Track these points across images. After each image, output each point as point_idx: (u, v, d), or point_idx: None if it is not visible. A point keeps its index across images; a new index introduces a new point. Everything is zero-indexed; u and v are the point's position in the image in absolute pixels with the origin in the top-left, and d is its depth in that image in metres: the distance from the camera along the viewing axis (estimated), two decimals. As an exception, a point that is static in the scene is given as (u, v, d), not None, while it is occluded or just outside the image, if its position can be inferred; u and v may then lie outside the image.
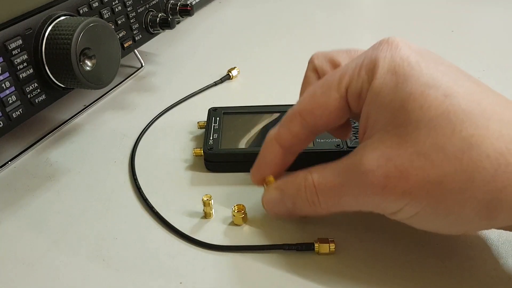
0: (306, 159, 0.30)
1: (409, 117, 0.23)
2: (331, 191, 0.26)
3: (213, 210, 0.32)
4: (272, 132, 0.29)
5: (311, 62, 0.31)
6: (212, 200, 0.31)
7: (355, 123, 0.34)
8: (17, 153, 0.39)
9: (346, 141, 0.35)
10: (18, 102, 0.33)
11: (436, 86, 0.23)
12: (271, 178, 0.29)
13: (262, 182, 0.30)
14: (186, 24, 0.63)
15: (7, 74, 0.32)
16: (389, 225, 0.29)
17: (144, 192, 0.34)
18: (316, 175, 0.26)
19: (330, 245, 0.28)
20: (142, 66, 0.52)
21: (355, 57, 0.27)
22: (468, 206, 0.22)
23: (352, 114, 0.27)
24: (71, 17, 0.36)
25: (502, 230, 0.28)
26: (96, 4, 0.40)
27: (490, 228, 0.24)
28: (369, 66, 0.25)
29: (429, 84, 0.23)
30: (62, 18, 0.35)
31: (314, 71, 0.30)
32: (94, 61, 0.35)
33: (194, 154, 0.37)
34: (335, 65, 0.30)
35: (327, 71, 0.29)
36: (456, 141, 0.22)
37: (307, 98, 0.27)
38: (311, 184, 0.26)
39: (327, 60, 0.30)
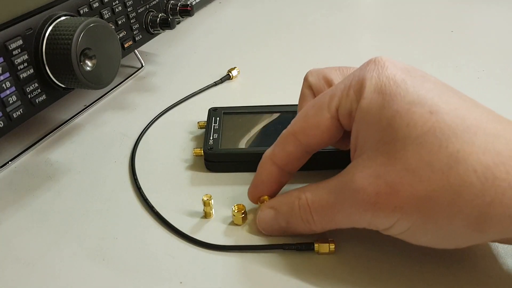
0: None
1: (397, 135, 0.23)
2: (325, 209, 0.26)
3: (213, 210, 0.32)
4: (268, 152, 0.30)
5: (306, 79, 0.32)
6: (212, 200, 0.31)
7: None
8: (17, 153, 0.39)
9: None
10: (19, 102, 0.33)
11: (422, 104, 0.23)
12: (266, 198, 0.30)
13: (258, 201, 0.31)
14: (186, 24, 0.63)
15: (7, 74, 0.32)
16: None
17: (144, 192, 0.34)
18: (310, 194, 0.27)
19: (330, 245, 0.28)
20: (142, 66, 0.52)
21: (345, 77, 0.28)
22: (457, 221, 0.22)
23: (345, 132, 0.28)
24: (72, 17, 0.36)
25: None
26: (97, 4, 0.40)
27: (483, 241, 0.25)
28: (356, 86, 0.26)
29: (414, 102, 0.23)
30: (62, 18, 0.35)
31: (309, 88, 0.31)
32: (94, 61, 0.35)
33: (194, 154, 0.37)
34: (328, 82, 0.30)
35: (321, 89, 0.30)
36: (442, 157, 0.22)
37: (300, 119, 0.28)
38: (304, 203, 0.27)
39: (321, 77, 0.31)
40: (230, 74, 0.49)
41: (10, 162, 0.38)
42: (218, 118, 0.39)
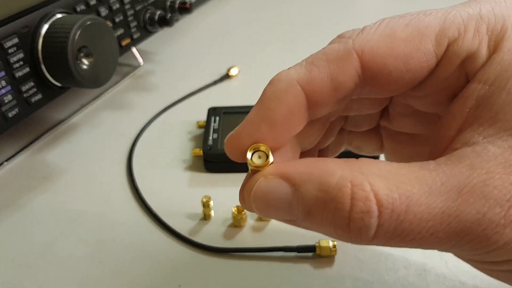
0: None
1: None
2: (428, 218, 0.15)
3: (212, 211, 0.32)
4: (293, 72, 0.18)
5: None
6: (211, 201, 0.31)
7: None
8: (13, 153, 0.39)
9: None
10: (14, 102, 0.33)
11: None
12: (264, 148, 0.17)
13: (242, 149, 0.18)
14: (185, 22, 0.63)
15: (3, 73, 0.32)
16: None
17: (142, 193, 0.34)
18: (383, 184, 0.15)
19: (332, 247, 0.28)
20: (140, 64, 0.52)
21: (459, 4, 0.18)
22: None
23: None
24: (68, 15, 0.36)
25: None
26: (94, 2, 0.39)
27: None
28: (493, 25, 0.17)
29: None
30: (59, 16, 0.35)
31: None
32: (91, 59, 0.35)
33: (193, 154, 0.37)
34: None
35: None
36: None
37: (379, 37, 0.18)
38: (370, 196, 0.15)
39: None
40: (230, 73, 0.49)
41: (5, 163, 0.38)
42: (217, 118, 0.38)
